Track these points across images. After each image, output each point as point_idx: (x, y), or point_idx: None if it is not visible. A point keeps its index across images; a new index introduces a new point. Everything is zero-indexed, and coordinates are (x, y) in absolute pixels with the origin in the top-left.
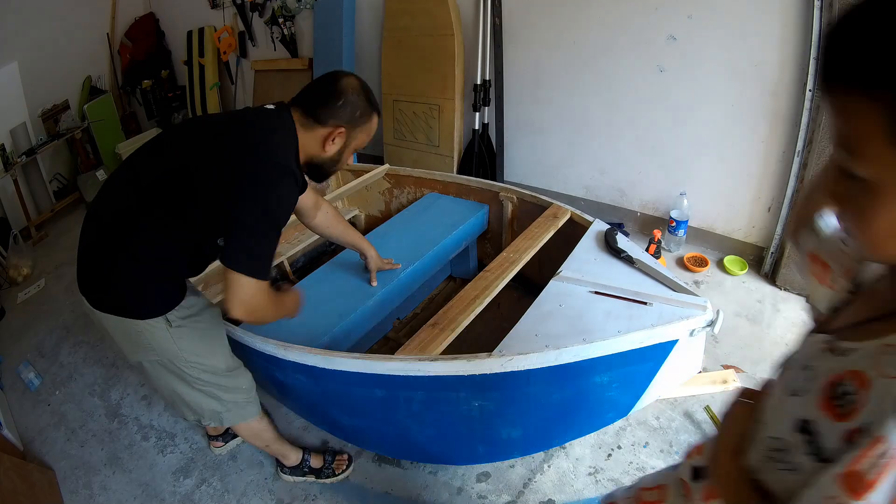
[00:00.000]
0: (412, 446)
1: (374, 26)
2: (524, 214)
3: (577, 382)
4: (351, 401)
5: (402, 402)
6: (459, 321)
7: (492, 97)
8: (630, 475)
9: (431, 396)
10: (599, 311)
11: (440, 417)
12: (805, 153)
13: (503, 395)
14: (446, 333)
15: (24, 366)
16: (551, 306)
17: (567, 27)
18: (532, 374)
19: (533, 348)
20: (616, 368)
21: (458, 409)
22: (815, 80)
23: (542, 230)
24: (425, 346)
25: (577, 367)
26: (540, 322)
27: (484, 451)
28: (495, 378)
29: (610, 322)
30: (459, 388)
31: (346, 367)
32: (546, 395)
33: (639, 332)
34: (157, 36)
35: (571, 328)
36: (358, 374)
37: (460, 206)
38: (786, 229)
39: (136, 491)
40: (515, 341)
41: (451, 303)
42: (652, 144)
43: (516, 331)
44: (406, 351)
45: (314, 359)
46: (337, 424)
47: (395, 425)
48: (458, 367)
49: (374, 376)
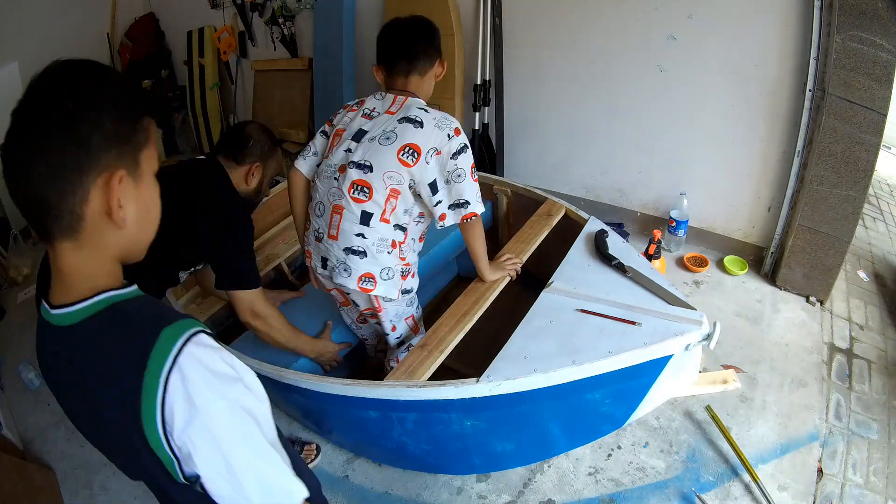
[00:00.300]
0: (410, 458)
1: (374, 26)
2: (519, 208)
3: (569, 400)
4: (346, 420)
5: (395, 422)
6: (448, 341)
7: (492, 97)
8: (630, 475)
9: (423, 417)
10: (591, 326)
11: (434, 435)
12: (805, 153)
13: (494, 415)
14: (434, 356)
15: (24, 365)
16: (541, 322)
17: (567, 27)
18: (522, 395)
19: (521, 372)
20: (609, 385)
21: (451, 427)
22: (814, 80)
23: (535, 231)
24: (413, 370)
25: (567, 387)
26: (530, 341)
27: (480, 462)
28: (485, 400)
29: (602, 340)
30: (450, 409)
31: (338, 391)
32: (538, 413)
33: (630, 351)
34: (156, 36)
35: (561, 348)
36: (351, 398)
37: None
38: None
39: (137, 491)
40: (504, 363)
41: (440, 321)
42: (652, 144)
43: (505, 352)
44: (395, 376)
45: (307, 383)
46: (334, 437)
47: (392, 441)
48: (445, 394)
49: (366, 400)
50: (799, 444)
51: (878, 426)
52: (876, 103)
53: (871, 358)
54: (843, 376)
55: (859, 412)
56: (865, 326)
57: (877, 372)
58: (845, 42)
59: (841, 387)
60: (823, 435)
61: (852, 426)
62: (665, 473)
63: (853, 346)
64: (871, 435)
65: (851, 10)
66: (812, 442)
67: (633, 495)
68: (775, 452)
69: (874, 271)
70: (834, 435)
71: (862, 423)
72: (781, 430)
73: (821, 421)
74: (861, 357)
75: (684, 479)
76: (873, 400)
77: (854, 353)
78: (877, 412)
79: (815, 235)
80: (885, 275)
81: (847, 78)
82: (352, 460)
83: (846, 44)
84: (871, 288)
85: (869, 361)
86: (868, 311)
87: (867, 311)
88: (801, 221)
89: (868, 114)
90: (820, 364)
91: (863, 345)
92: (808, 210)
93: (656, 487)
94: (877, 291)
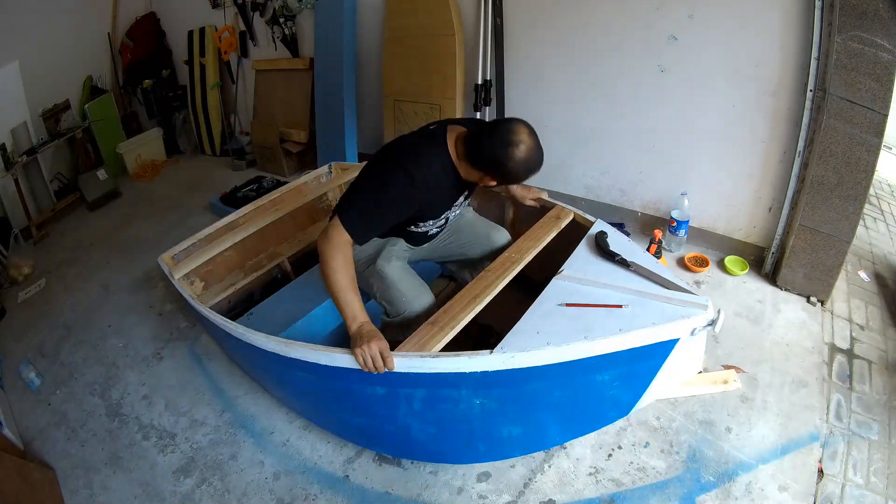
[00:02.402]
0: (413, 444)
1: (376, 26)
2: (526, 214)
3: (579, 380)
4: (352, 399)
5: (402, 400)
6: (460, 319)
7: (493, 97)
8: (631, 475)
9: (432, 394)
10: (601, 309)
11: (441, 415)
12: (806, 153)
13: (504, 393)
14: (446, 331)
15: (24, 365)
16: (552, 304)
17: (568, 27)
18: (533, 371)
19: (535, 345)
20: (617, 366)
21: (459, 406)
22: (815, 80)
23: (544, 231)
24: (424, 343)
25: (578, 365)
26: (541, 320)
27: (485, 449)
28: (496, 375)
29: (612, 320)
30: (460, 385)
31: (347, 363)
32: (547, 392)
33: (640, 330)
34: (157, 35)
35: (573, 326)
36: (359, 372)
37: None
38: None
39: (137, 490)
40: (517, 338)
41: (451, 302)
42: (653, 144)
43: (518, 328)
44: (406, 348)
45: (316, 356)
46: (338, 423)
47: (397, 423)
48: (459, 364)
49: (376, 374)
50: (799, 445)
51: (879, 427)
52: (877, 103)
53: (872, 358)
54: (844, 377)
55: (860, 412)
56: (866, 327)
57: (877, 372)
58: (846, 42)
59: (841, 387)
60: (824, 435)
61: (853, 426)
62: (665, 473)
63: (854, 347)
64: (872, 435)
65: (852, 10)
66: (812, 442)
67: (634, 495)
68: (776, 453)
69: (875, 271)
70: (834, 435)
71: (862, 424)
72: (782, 431)
73: (821, 421)
74: (862, 357)
75: (685, 479)
76: (874, 400)
77: (855, 353)
78: (877, 413)
79: (816, 236)
80: (885, 275)
81: (848, 78)
82: (352, 460)
83: (847, 44)
84: (872, 288)
85: (869, 362)
86: (869, 311)
87: (868, 312)
88: (801, 221)
89: (869, 114)
90: (820, 364)
91: (863, 345)
92: (808, 210)
93: (657, 487)
94: (877, 292)
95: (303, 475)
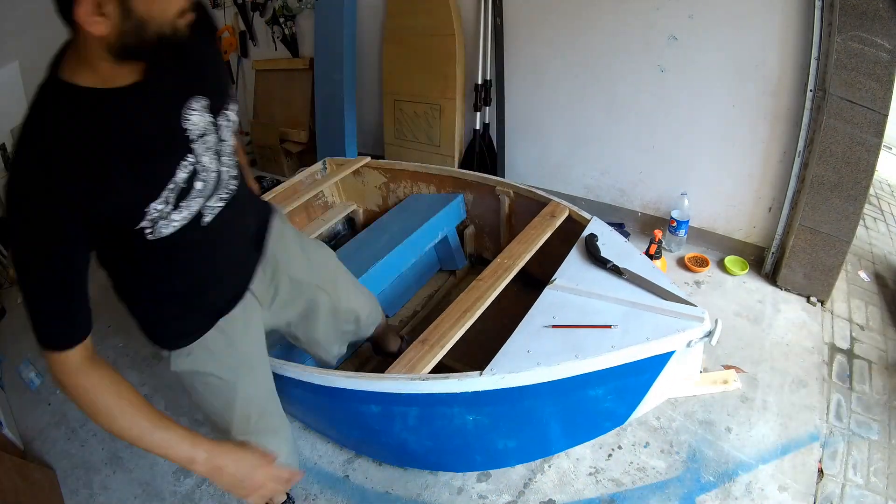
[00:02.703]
0: (411, 456)
1: (375, 26)
2: (522, 209)
3: (572, 396)
4: (348, 415)
5: (397, 417)
6: (450, 337)
7: (493, 97)
8: (631, 475)
9: (426, 412)
10: (594, 322)
11: (436, 431)
12: (806, 153)
13: (497, 410)
14: (435, 351)
15: (24, 365)
16: (545, 319)
17: (568, 27)
18: (525, 389)
19: (525, 366)
20: (611, 381)
21: (453, 422)
22: (815, 80)
23: (538, 232)
24: (414, 364)
25: (570, 382)
26: (533, 336)
27: (482, 459)
28: (487, 395)
29: (604, 337)
30: (452, 404)
31: (340, 384)
32: (540, 408)
33: (633, 347)
34: None
35: (564, 343)
36: (352, 391)
37: (435, 198)
38: None
39: (137, 490)
40: (506, 359)
41: (441, 317)
42: (653, 144)
43: (507, 348)
44: (395, 369)
45: (310, 376)
46: (336, 434)
47: (393, 437)
48: (448, 387)
49: (369, 393)
50: (799, 445)
51: (879, 427)
52: (877, 103)
53: (872, 358)
54: (844, 377)
55: (860, 413)
56: (866, 327)
57: (877, 372)
58: (846, 42)
59: (841, 387)
60: (824, 435)
61: (853, 426)
62: (665, 474)
63: (854, 347)
64: (872, 435)
65: (852, 10)
66: (812, 442)
67: (634, 495)
68: (776, 453)
69: (875, 271)
70: (834, 435)
71: (862, 424)
72: (782, 431)
73: (821, 421)
74: (862, 357)
75: (685, 479)
76: (874, 400)
77: (855, 353)
78: (877, 413)
79: (816, 236)
80: (885, 275)
81: (848, 78)
82: (352, 460)
83: (847, 44)
84: (872, 288)
85: (869, 362)
86: (869, 311)
87: (868, 312)
88: (801, 221)
89: (869, 114)
90: (820, 364)
91: (863, 345)
92: (808, 210)
93: (657, 488)
94: (877, 292)
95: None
